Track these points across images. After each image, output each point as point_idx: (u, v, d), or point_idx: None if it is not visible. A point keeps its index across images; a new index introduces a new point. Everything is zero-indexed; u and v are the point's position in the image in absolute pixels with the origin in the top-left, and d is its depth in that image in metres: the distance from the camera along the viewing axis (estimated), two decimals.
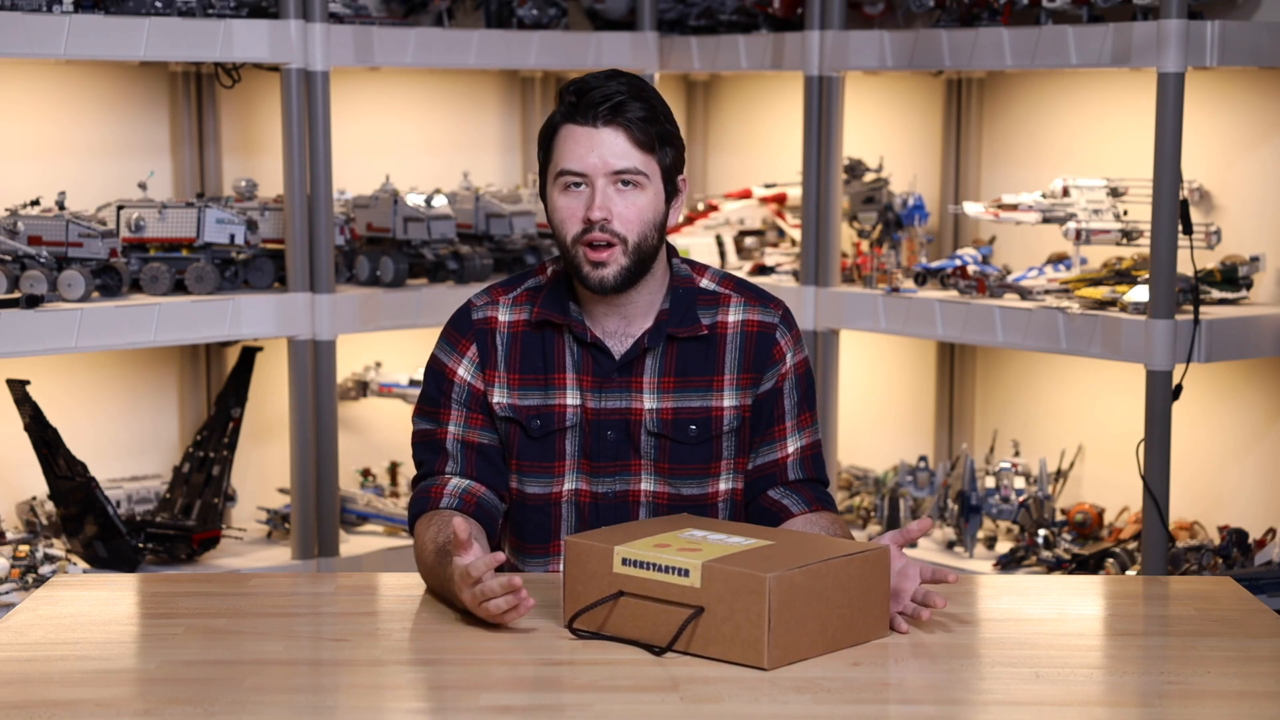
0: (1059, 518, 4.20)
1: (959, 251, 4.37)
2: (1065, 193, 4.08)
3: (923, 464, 4.39)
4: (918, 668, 2.17)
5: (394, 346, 4.57)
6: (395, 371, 4.53)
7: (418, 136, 4.74)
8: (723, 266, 4.71)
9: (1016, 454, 4.35)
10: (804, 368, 2.63)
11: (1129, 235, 4.00)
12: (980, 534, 4.21)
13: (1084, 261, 4.15)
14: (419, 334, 4.37)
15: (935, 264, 4.29)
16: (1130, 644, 2.35)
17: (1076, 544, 4.12)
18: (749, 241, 4.85)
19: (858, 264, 4.42)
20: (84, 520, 3.92)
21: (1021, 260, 4.39)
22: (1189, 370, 3.75)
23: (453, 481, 2.54)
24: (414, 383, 4.41)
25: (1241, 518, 4.04)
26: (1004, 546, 4.21)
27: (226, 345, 4.31)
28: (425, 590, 2.48)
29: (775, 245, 4.83)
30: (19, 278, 3.76)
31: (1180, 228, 3.75)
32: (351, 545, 4.24)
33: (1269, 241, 4.01)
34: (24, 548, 3.85)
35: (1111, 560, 3.97)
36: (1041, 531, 4.10)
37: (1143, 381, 3.78)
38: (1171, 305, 3.73)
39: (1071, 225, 4.02)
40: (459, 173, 4.67)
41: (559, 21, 4.50)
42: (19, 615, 2.35)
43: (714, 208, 4.85)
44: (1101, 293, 3.90)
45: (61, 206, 3.90)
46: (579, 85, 2.50)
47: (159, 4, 3.85)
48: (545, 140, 2.53)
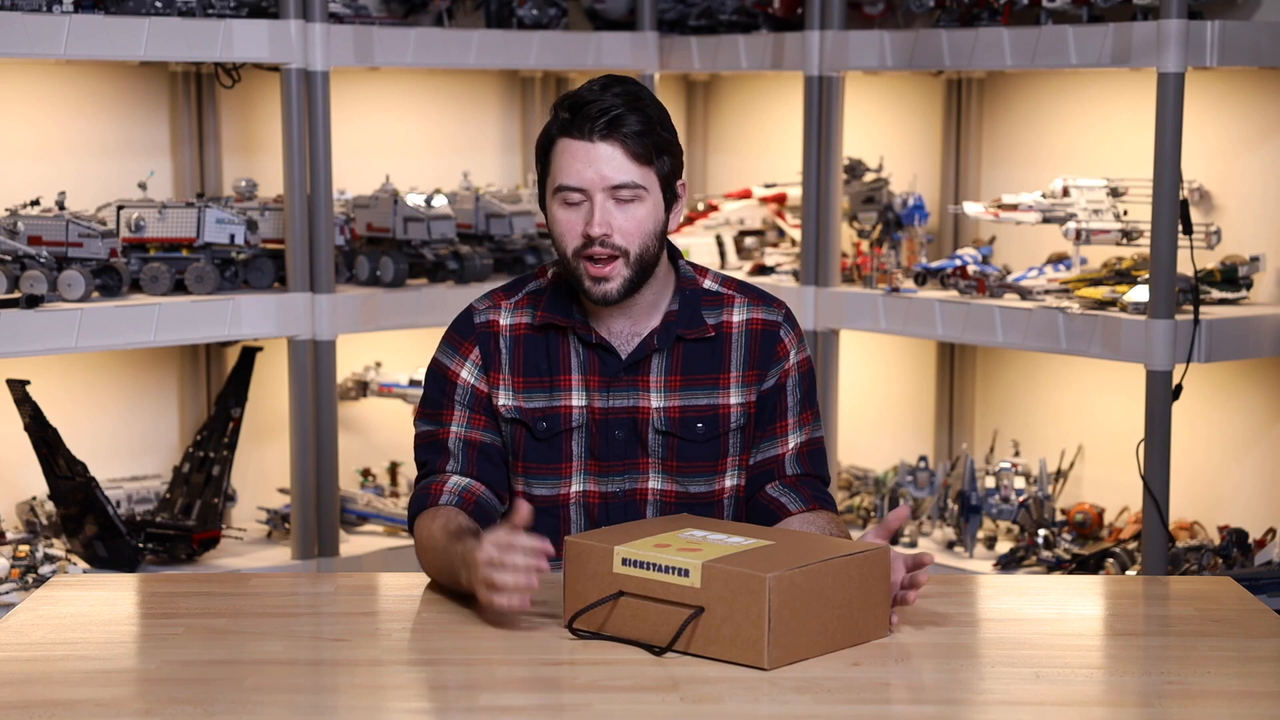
0: (1059, 518, 4.20)
1: (959, 251, 4.37)
2: (1065, 193, 4.08)
3: (923, 464, 4.39)
4: (918, 668, 2.17)
5: (394, 346, 4.57)
6: (395, 371, 4.52)
7: (418, 136, 4.74)
8: (723, 266, 4.72)
9: (1016, 454, 4.35)
10: (806, 366, 2.64)
11: (1129, 235, 4.00)
12: (980, 534, 4.21)
13: (1084, 261, 4.15)
14: (419, 334, 4.38)
15: (935, 264, 4.29)
16: (1130, 644, 2.35)
17: (1076, 544, 4.12)
18: (749, 241, 4.85)
19: (858, 264, 4.42)
20: (84, 520, 3.92)
21: (1021, 260, 4.39)
22: (1189, 370, 3.75)
23: (453, 479, 2.54)
24: (414, 383, 4.41)
25: (1241, 518, 4.03)
26: (1004, 546, 4.21)
27: (226, 345, 4.31)
28: (425, 590, 2.48)
29: (775, 245, 4.83)
30: (19, 278, 3.76)
31: (1180, 228, 3.75)
32: (351, 545, 4.24)
33: (1269, 241, 4.01)
34: (24, 548, 3.85)
35: (1111, 560, 3.96)
36: (1041, 531, 4.10)
37: (1143, 381, 3.78)
38: (1171, 305, 3.73)
39: (1071, 225, 4.02)
40: (459, 173, 4.67)
41: (559, 21, 4.50)
42: (19, 615, 2.35)
43: (714, 208, 4.85)
44: (1101, 293, 3.90)
45: (61, 206, 3.90)
46: (574, 99, 2.50)
47: (159, 4, 3.85)
48: (542, 153, 2.53)
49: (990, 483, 4.22)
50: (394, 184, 4.34)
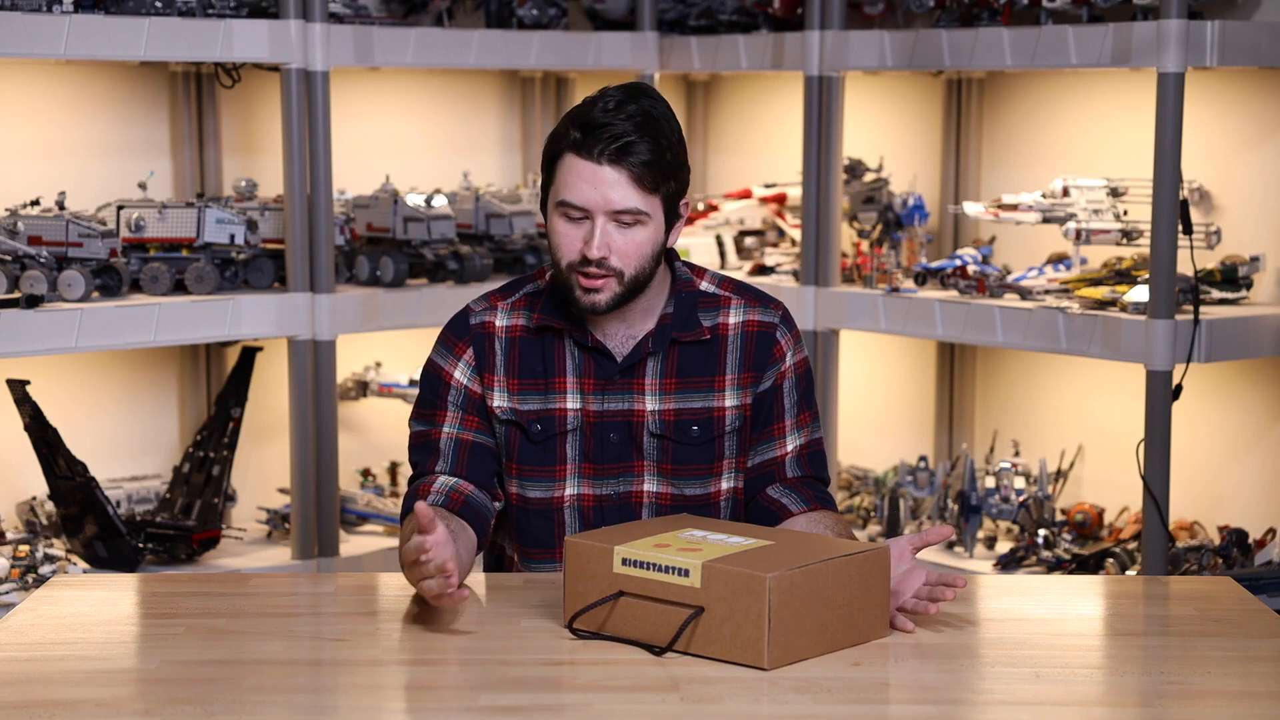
0: (1059, 518, 4.20)
1: (959, 251, 4.37)
2: (1065, 193, 4.08)
3: (923, 464, 4.39)
4: (918, 668, 2.17)
5: (394, 346, 4.57)
6: (395, 371, 4.53)
7: (418, 136, 4.74)
8: (722, 266, 4.72)
9: (1016, 454, 4.35)
10: (804, 367, 2.63)
11: (1129, 235, 4.00)
12: (980, 534, 4.21)
13: (1084, 261, 4.15)
14: (419, 334, 4.37)
15: (935, 264, 4.29)
16: (1130, 644, 2.35)
17: (1076, 544, 4.12)
18: (749, 241, 4.85)
19: (858, 264, 4.42)
20: (84, 520, 3.92)
21: (1021, 260, 4.39)
22: (1189, 370, 3.75)
23: (440, 479, 2.54)
24: (414, 383, 4.41)
25: (1241, 518, 4.03)
26: (1004, 546, 4.21)
27: (226, 345, 4.31)
28: None
29: (775, 245, 4.83)
30: (19, 278, 3.76)
31: (1180, 228, 3.75)
32: (351, 545, 4.24)
33: (1269, 241, 4.01)
34: (24, 548, 3.85)
35: (1111, 560, 3.96)
36: (1041, 531, 4.10)
37: (1143, 381, 3.78)
38: (1171, 305, 3.73)
39: (1071, 225, 4.02)
40: (459, 173, 4.67)
41: (559, 21, 4.50)
42: (19, 615, 2.35)
43: (714, 208, 4.85)
44: (1101, 293, 3.90)
45: (61, 206, 3.90)
46: (586, 117, 2.46)
47: (159, 4, 3.85)
48: (549, 160, 2.51)
49: (990, 483, 4.22)
50: (394, 184, 4.34)
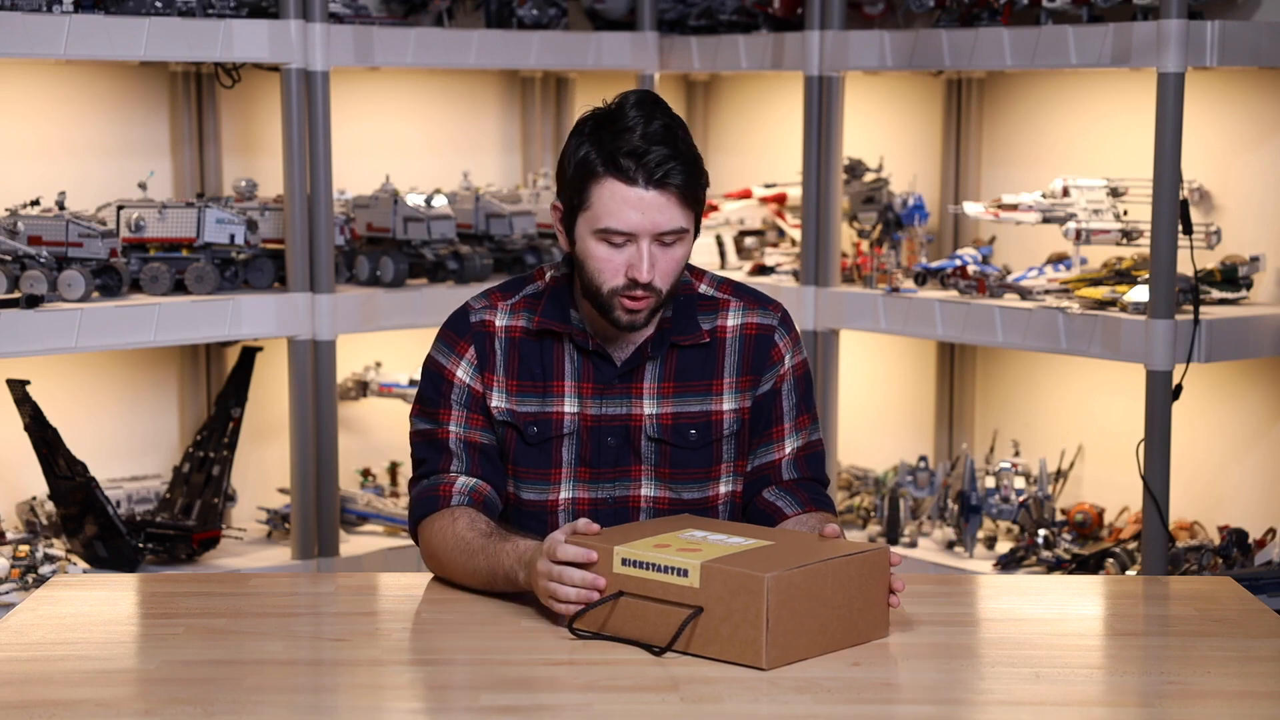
0: (1059, 518, 4.20)
1: (959, 251, 4.37)
2: (1065, 193, 4.08)
3: (923, 464, 4.39)
4: (918, 668, 2.17)
5: (394, 346, 4.57)
6: (395, 371, 4.53)
7: (418, 136, 4.74)
8: (722, 267, 4.72)
9: (1016, 454, 4.35)
10: (803, 370, 2.63)
11: (1129, 235, 4.00)
12: (980, 534, 4.21)
13: (1084, 261, 4.15)
14: (419, 334, 4.37)
15: (935, 264, 4.29)
16: (1130, 644, 2.35)
17: (1076, 544, 4.12)
18: (749, 241, 4.85)
19: (858, 264, 4.42)
20: (84, 520, 3.92)
21: (1021, 260, 4.39)
22: (1189, 370, 3.75)
23: (460, 479, 2.54)
24: (414, 382, 4.41)
25: (1241, 518, 4.03)
26: (1004, 546, 4.21)
27: (226, 345, 4.31)
28: (425, 590, 2.48)
29: (775, 245, 4.83)
30: (19, 278, 3.76)
31: (1180, 228, 3.75)
32: (351, 545, 4.24)
33: (1269, 241, 4.01)
34: (24, 548, 3.85)
35: (1111, 560, 3.96)
36: (1041, 531, 4.10)
37: (1143, 381, 3.78)
38: (1171, 305, 3.73)
39: (1071, 225, 4.02)
40: (459, 173, 4.67)
41: (559, 21, 4.50)
42: (19, 615, 2.35)
43: (714, 208, 4.85)
44: (1101, 293, 3.90)
45: (61, 206, 3.90)
46: (625, 147, 2.43)
47: (159, 4, 3.85)
48: (582, 182, 2.46)
49: (990, 483, 4.22)
50: (394, 184, 4.34)
